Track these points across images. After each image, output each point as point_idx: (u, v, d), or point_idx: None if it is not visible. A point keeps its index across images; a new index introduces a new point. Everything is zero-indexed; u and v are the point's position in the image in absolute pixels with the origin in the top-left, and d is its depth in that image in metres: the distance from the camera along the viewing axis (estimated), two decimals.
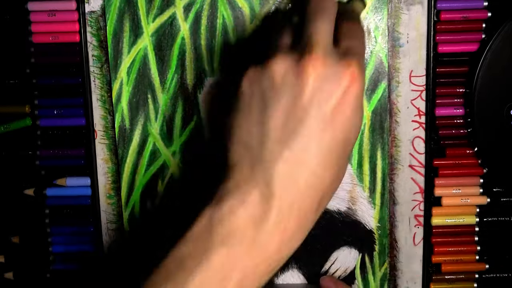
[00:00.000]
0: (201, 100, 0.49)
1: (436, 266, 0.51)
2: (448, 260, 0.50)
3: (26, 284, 0.53)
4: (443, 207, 0.50)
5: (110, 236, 0.52)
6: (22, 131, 0.50)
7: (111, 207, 0.52)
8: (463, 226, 0.50)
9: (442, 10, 0.46)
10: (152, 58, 0.48)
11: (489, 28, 0.46)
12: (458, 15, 0.46)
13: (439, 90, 0.48)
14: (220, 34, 0.47)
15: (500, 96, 0.46)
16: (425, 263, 0.51)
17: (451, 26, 0.46)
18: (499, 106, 0.46)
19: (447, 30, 0.46)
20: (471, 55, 0.47)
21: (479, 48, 0.46)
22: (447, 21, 0.46)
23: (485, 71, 0.46)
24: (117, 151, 0.50)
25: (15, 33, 0.49)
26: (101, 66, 0.49)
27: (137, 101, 0.49)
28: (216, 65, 0.48)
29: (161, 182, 0.50)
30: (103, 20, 0.48)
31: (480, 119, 0.47)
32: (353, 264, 0.51)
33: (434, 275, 0.51)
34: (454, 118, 0.48)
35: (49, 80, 0.49)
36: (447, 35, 0.47)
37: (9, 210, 0.52)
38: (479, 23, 0.46)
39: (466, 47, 0.47)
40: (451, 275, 0.50)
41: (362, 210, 0.50)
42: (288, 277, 0.52)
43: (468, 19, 0.46)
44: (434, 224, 0.50)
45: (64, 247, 0.52)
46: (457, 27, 0.46)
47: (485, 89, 0.46)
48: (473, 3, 0.46)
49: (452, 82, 0.48)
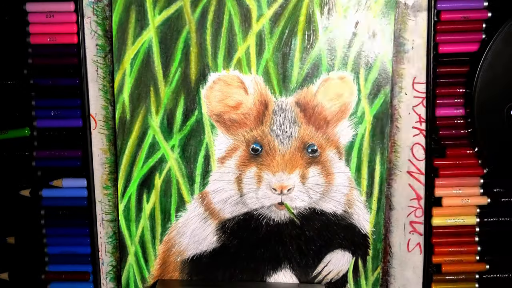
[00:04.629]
0: (204, 95, 0.48)
1: (437, 267, 0.50)
2: (448, 261, 0.50)
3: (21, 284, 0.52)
4: (444, 207, 0.50)
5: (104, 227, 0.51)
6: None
7: (107, 198, 0.50)
8: (464, 226, 0.50)
9: (443, 10, 0.47)
10: (156, 50, 0.48)
11: (490, 28, 0.47)
12: (458, 15, 0.47)
13: (439, 91, 0.48)
14: (226, 31, 0.48)
15: (500, 96, 0.47)
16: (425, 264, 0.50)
17: (452, 26, 0.47)
18: (500, 107, 0.47)
19: (447, 30, 0.47)
20: (471, 55, 0.47)
21: (479, 48, 0.47)
22: (448, 21, 0.47)
23: (486, 71, 0.46)
24: (116, 142, 0.49)
25: (13, 34, 0.49)
26: (104, 56, 0.49)
27: (139, 93, 0.49)
28: (221, 61, 0.48)
29: (158, 175, 0.50)
30: (109, 10, 0.48)
31: (480, 120, 0.47)
32: (346, 267, 0.51)
33: (435, 276, 0.50)
34: (455, 119, 0.49)
35: (47, 81, 0.49)
36: (447, 35, 0.47)
37: (4, 211, 0.51)
38: (479, 23, 0.47)
39: (466, 47, 0.47)
40: (452, 275, 0.50)
41: (358, 214, 0.50)
42: (281, 277, 0.51)
43: (468, 19, 0.47)
44: (434, 225, 0.50)
45: (60, 248, 0.51)
46: (458, 27, 0.47)
47: (485, 90, 0.46)
48: (473, 3, 0.47)
49: (452, 82, 0.48)
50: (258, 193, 0.49)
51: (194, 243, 0.51)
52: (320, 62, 0.48)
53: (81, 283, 0.51)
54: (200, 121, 0.49)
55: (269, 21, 0.47)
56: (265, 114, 0.49)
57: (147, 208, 0.50)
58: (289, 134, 0.48)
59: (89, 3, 0.48)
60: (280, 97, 0.48)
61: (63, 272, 0.51)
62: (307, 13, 0.47)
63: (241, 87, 0.48)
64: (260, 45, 0.48)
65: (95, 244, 0.51)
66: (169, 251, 0.51)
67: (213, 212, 0.50)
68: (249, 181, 0.49)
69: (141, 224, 0.50)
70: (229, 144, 0.49)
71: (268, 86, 0.48)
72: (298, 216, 0.50)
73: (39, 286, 0.51)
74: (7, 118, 0.50)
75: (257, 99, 0.48)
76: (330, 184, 0.49)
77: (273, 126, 0.49)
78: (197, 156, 0.49)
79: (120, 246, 0.51)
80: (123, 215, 0.50)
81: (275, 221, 0.50)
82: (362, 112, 0.48)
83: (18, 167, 0.50)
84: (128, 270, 0.51)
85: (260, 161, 0.49)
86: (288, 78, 0.48)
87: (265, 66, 0.48)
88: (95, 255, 0.51)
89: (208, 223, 0.50)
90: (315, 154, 0.49)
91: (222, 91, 0.48)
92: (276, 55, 0.48)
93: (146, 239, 0.51)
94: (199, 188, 0.50)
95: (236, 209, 0.50)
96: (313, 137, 0.49)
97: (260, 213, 0.50)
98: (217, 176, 0.50)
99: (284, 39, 0.48)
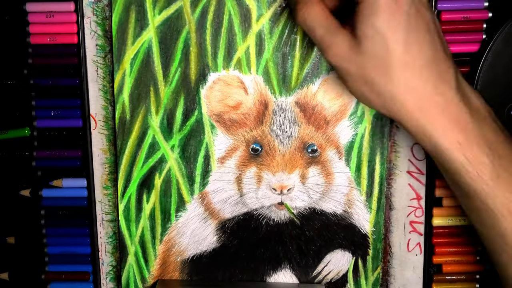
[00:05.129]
0: (204, 95, 0.48)
1: (437, 267, 0.50)
2: (449, 261, 0.50)
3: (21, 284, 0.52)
4: (444, 207, 0.49)
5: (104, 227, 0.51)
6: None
7: (107, 198, 0.50)
8: (464, 226, 0.49)
9: (443, 10, 0.47)
10: (156, 50, 0.48)
11: (490, 29, 0.47)
12: (458, 15, 0.47)
13: None
14: (226, 31, 0.48)
15: (501, 96, 0.47)
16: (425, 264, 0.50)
17: (452, 27, 0.47)
18: (500, 107, 0.47)
19: (447, 30, 0.47)
20: (472, 55, 0.47)
21: (480, 49, 0.47)
22: (448, 22, 0.47)
23: (486, 71, 0.46)
24: (116, 142, 0.49)
25: (13, 34, 0.49)
26: (104, 56, 0.49)
27: (139, 93, 0.49)
28: (220, 61, 0.48)
29: (158, 175, 0.50)
30: (109, 10, 0.48)
31: None
32: (346, 267, 0.51)
33: (435, 276, 0.50)
34: None
35: (47, 81, 0.49)
36: (448, 35, 0.47)
37: (4, 211, 0.51)
38: (480, 23, 0.47)
39: (467, 47, 0.47)
40: (452, 275, 0.50)
41: (358, 214, 0.50)
42: (281, 277, 0.51)
43: (469, 19, 0.47)
44: (435, 225, 0.49)
45: (60, 248, 0.51)
46: (458, 27, 0.47)
47: (486, 90, 0.46)
48: (474, 3, 0.47)
49: None
50: (258, 193, 0.49)
51: (194, 243, 0.51)
52: (320, 62, 0.48)
53: (81, 283, 0.51)
54: (200, 121, 0.49)
55: (269, 21, 0.47)
56: (265, 114, 0.49)
57: (147, 208, 0.50)
58: (289, 134, 0.48)
59: (89, 3, 0.48)
60: (280, 97, 0.48)
61: (63, 272, 0.51)
62: None
63: (241, 87, 0.48)
64: (260, 45, 0.48)
65: (95, 244, 0.51)
66: (169, 251, 0.51)
67: (213, 212, 0.50)
68: (249, 181, 0.49)
69: (141, 224, 0.50)
70: (229, 144, 0.49)
71: (268, 86, 0.48)
72: (298, 216, 0.50)
73: (39, 286, 0.51)
74: (7, 118, 0.50)
75: (257, 99, 0.48)
76: (330, 184, 0.49)
77: (273, 126, 0.48)
78: (197, 156, 0.49)
79: (120, 246, 0.51)
80: (123, 215, 0.50)
81: (275, 221, 0.50)
82: (362, 112, 0.48)
83: (18, 167, 0.50)
84: (128, 270, 0.51)
85: (260, 161, 0.49)
86: (288, 78, 0.48)
87: (265, 66, 0.48)
88: (95, 255, 0.51)
89: (208, 223, 0.50)
90: (315, 154, 0.49)
91: (222, 91, 0.48)
92: (276, 55, 0.48)
93: (146, 239, 0.51)
94: (199, 188, 0.50)
95: (236, 209, 0.50)
96: (313, 137, 0.49)
97: (260, 213, 0.50)
98: (217, 176, 0.50)
99: (284, 39, 0.48)
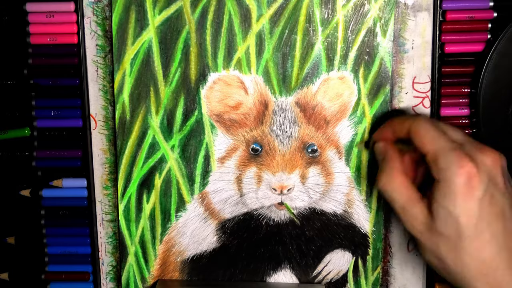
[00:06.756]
0: (204, 95, 0.48)
1: None
2: None
3: (21, 284, 0.52)
4: None
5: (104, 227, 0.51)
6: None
7: (107, 198, 0.51)
8: None
9: (448, 10, 0.47)
10: (156, 50, 0.48)
11: (495, 28, 0.46)
12: (464, 15, 0.46)
13: (444, 90, 0.48)
14: (226, 31, 0.47)
15: (505, 96, 0.46)
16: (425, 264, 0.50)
17: (457, 26, 0.47)
18: (505, 106, 0.46)
19: (452, 30, 0.47)
20: (476, 55, 0.47)
21: (484, 48, 0.46)
22: (453, 21, 0.47)
23: (491, 71, 0.46)
24: (116, 142, 0.49)
25: (13, 34, 0.49)
26: (104, 56, 0.48)
27: (139, 93, 0.48)
28: (220, 61, 0.48)
29: (158, 175, 0.50)
30: (109, 10, 0.48)
31: (485, 119, 0.46)
32: (346, 267, 0.51)
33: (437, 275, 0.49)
34: (459, 118, 0.48)
35: (47, 81, 0.49)
36: (452, 35, 0.47)
37: (4, 211, 0.51)
38: (485, 23, 0.46)
39: (471, 47, 0.47)
40: None
41: (358, 214, 0.50)
42: (281, 277, 0.51)
43: (474, 19, 0.46)
44: None
45: (60, 248, 0.51)
46: (463, 27, 0.47)
47: (490, 89, 0.46)
48: (479, 3, 0.46)
49: (457, 82, 0.48)
50: (258, 193, 0.49)
51: (194, 243, 0.51)
52: (320, 62, 0.47)
53: (81, 283, 0.51)
54: (200, 121, 0.49)
55: (269, 21, 0.47)
56: (265, 114, 0.48)
57: (147, 208, 0.50)
58: (289, 134, 0.48)
59: (89, 3, 0.48)
60: (280, 97, 0.48)
61: (63, 272, 0.51)
62: (307, 13, 0.47)
63: (241, 87, 0.48)
64: (260, 45, 0.47)
65: (95, 244, 0.51)
66: (169, 251, 0.51)
67: (213, 212, 0.50)
68: (249, 181, 0.49)
69: (141, 224, 0.50)
70: (229, 144, 0.49)
71: (268, 86, 0.48)
72: (298, 216, 0.50)
73: (39, 286, 0.52)
74: (7, 118, 0.50)
75: (257, 99, 0.48)
76: (330, 184, 0.49)
77: (273, 126, 0.48)
78: (197, 156, 0.49)
79: (120, 246, 0.51)
80: (123, 215, 0.50)
81: (275, 221, 0.50)
82: (362, 112, 0.48)
83: (18, 167, 0.50)
84: (128, 270, 0.51)
85: (260, 161, 0.48)
86: (288, 78, 0.48)
87: (265, 66, 0.48)
88: (95, 255, 0.51)
89: (208, 223, 0.50)
90: (315, 154, 0.48)
91: (222, 91, 0.48)
92: (276, 55, 0.47)
93: (146, 239, 0.51)
94: (199, 188, 0.50)
95: (236, 209, 0.50)
96: (313, 137, 0.48)
97: (260, 213, 0.50)
98: (217, 176, 0.49)
99: (284, 39, 0.47)
